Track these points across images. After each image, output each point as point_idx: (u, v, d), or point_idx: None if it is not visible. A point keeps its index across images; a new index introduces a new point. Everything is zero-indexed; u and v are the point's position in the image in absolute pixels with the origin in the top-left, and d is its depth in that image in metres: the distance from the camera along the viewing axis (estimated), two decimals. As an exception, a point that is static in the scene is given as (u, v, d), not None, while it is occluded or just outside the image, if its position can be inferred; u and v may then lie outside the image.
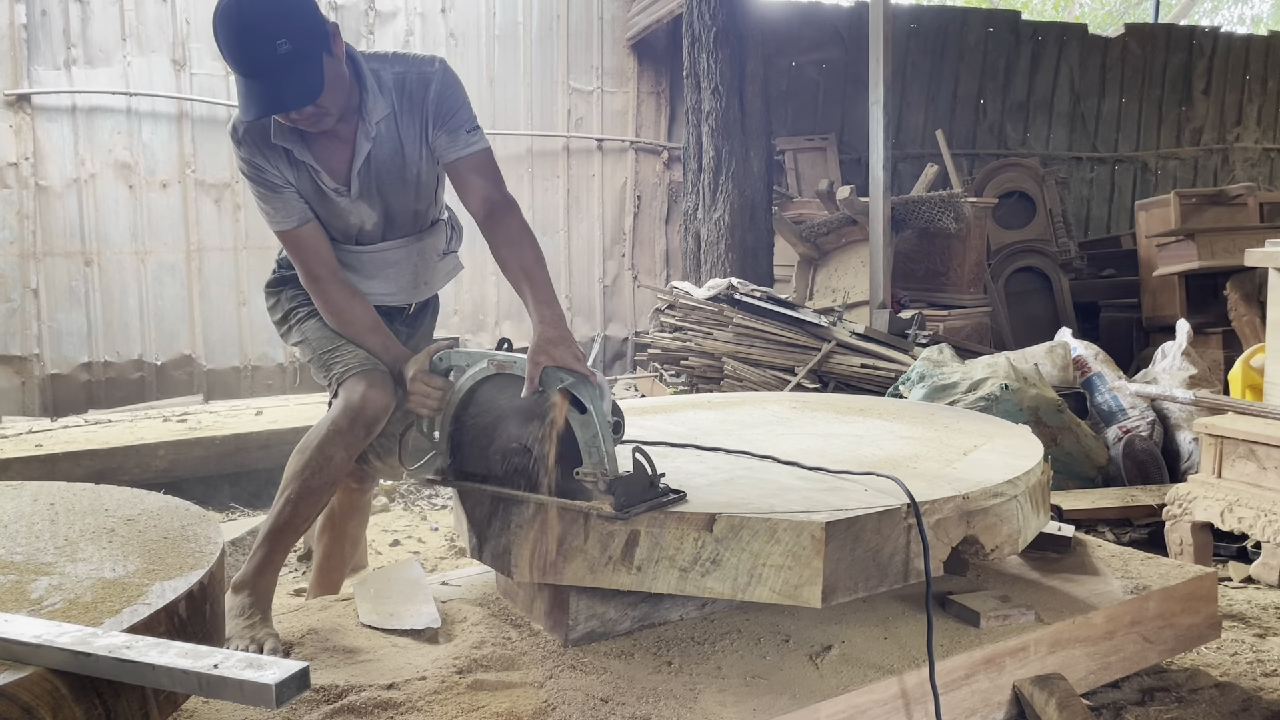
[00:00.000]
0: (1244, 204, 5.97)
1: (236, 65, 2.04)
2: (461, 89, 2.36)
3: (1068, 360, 4.37)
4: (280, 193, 2.27)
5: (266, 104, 2.05)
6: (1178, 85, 9.61)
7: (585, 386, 1.85)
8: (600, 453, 1.80)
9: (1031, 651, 2.03)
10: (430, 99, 2.30)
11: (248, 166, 2.26)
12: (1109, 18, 19.37)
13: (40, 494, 2.03)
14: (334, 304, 2.31)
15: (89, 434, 4.48)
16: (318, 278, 2.31)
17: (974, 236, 5.95)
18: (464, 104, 2.34)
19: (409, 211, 2.44)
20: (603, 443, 1.81)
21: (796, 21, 7.98)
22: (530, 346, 1.93)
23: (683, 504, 1.84)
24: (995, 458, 2.23)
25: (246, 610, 2.15)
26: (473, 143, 2.32)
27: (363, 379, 2.25)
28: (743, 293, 5.11)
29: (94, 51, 6.06)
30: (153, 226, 6.27)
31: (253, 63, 2.02)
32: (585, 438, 1.82)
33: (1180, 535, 3.19)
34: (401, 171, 2.35)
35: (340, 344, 2.36)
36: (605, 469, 1.80)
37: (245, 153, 2.23)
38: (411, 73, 2.31)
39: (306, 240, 2.30)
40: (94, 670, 1.23)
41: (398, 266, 2.49)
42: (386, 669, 2.01)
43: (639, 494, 1.82)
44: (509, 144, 7.21)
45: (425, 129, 2.32)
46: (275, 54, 2.00)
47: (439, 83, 2.30)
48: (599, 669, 1.86)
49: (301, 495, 2.22)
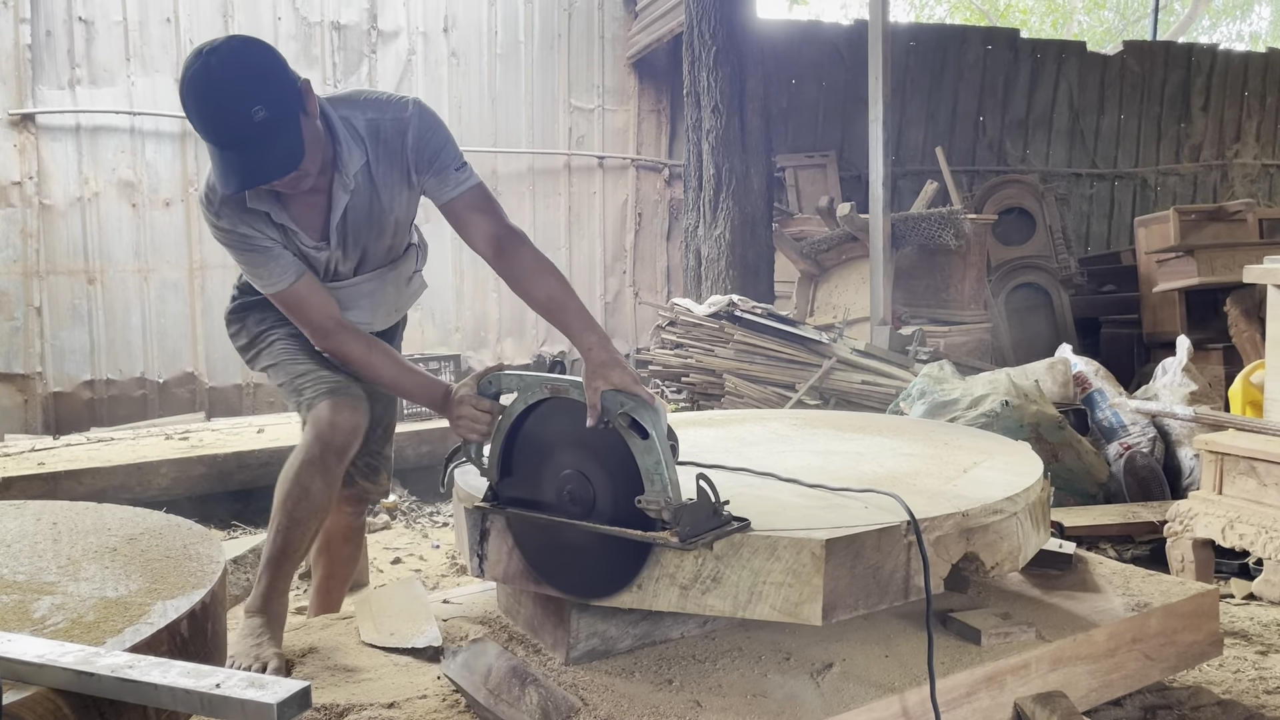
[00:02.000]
0: (1243, 220, 5.99)
1: (211, 136, 1.92)
2: (441, 128, 2.24)
3: (1068, 376, 4.38)
4: (270, 252, 2.17)
5: (247, 176, 1.95)
6: (1177, 102, 9.64)
7: (646, 410, 1.78)
8: (664, 480, 1.72)
9: (1033, 669, 2.03)
10: (409, 145, 2.19)
11: (230, 236, 2.15)
12: (1107, 35, 19.47)
13: (43, 513, 2.03)
14: (356, 353, 2.22)
15: (91, 452, 4.49)
16: (328, 332, 2.21)
17: (974, 253, 5.97)
18: (446, 143, 2.22)
19: (382, 249, 2.38)
20: (665, 469, 1.72)
21: (796, 39, 8.03)
22: (585, 372, 1.87)
23: (749, 531, 1.77)
24: (995, 474, 2.24)
25: (256, 631, 2.15)
26: (464, 180, 2.22)
27: (329, 403, 2.20)
28: (744, 309, 5.12)
29: (98, 71, 6.10)
30: (156, 245, 6.30)
31: (229, 133, 1.91)
32: (648, 464, 1.74)
33: (1182, 552, 3.18)
34: (380, 219, 2.28)
35: (311, 368, 2.30)
36: (669, 497, 1.71)
37: (227, 223, 2.13)
38: (386, 119, 2.18)
39: (307, 295, 2.19)
40: (96, 690, 1.23)
41: (372, 297, 2.42)
42: (388, 688, 2.01)
43: (704, 522, 1.74)
44: (510, 162, 7.25)
45: (408, 175, 2.23)
46: (252, 122, 1.89)
47: (416, 127, 2.18)
48: (600, 687, 1.86)
49: (289, 525, 2.21)
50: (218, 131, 1.92)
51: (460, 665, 2.02)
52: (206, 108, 1.91)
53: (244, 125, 1.89)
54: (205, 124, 1.92)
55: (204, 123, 1.92)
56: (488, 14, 7.13)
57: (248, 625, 2.16)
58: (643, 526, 1.76)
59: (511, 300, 7.33)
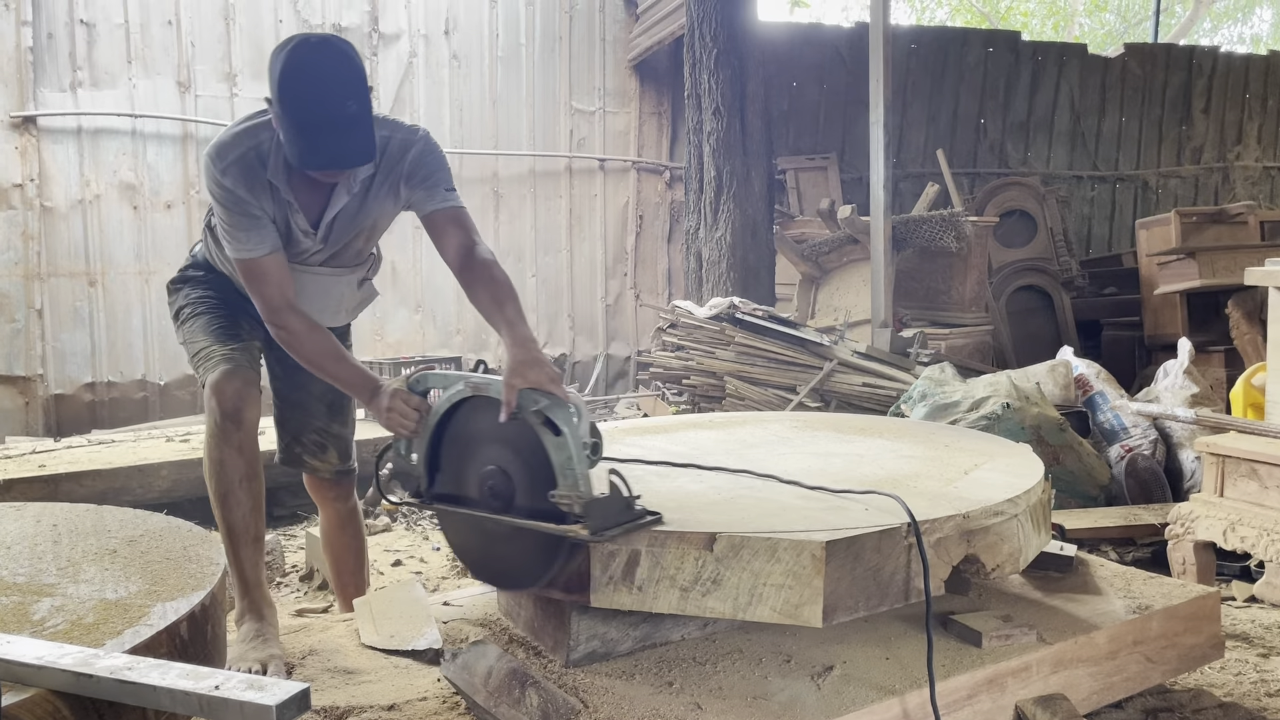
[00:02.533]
0: (1244, 222, 5.99)
1: (309, 117, 2.07)
2: (442, 158, 2.40)
3: (1069, 379, 4.37)
4: (258, 220, 2.27)
5: (334, 159, 2.12)
6: (1178, 104, 9.64)
7: (560, 409, 1.83)
8: (575, 475, 1.78)
9: (1034, 672, 2.03)
10: (407, 162, 2.34)
11: (229, 196, 2.24)
12: (1108, 38, 19.47)
13: (43, 515, 2.03)
14: (297, 336, 2.29)
15: (92, 454, 4.49)
16: (278, 310, 2.29)
17: (975, 255, 5.97)
18: (442, 168, 2.38)
19: (353, 250, 2.53)
20: (577, 465, 1.78)
21: (797, 42, 8.03)
22: (505, 369, 1.93)
23: (660, 525, 1.81)
24: (996, 476, 2.23)
25: (250, 635, 2.22)
26: (450, 199, 2.36)
27: (217, 374, 2.32)
28: (745, 312, 5.12)
29: (100, 74, 6.11)
30: (157, 247, 6.30)
31: (326, 117, 2.07)
32: (560, 460, 1.80)
33: (1183, 554, 3.18)
34: (359, 222, 2.43)
35: (208, 344, 2.41)
36: (580, 491, 1.77)
37: (229, 183, 2.23)
38: (396, 138, 2.35)
39: (271, 270, 2.29)
40: (95, 692, 1.23)
41: (330, 292, 2.54)
42: (388, 690, 2.01)
43: (615, 516, 1.79)
44: (511, 164, 7.25)
45: (397, 189, 2.37)
46: (345, 113, 2.07)
47: (419, 150, 2.35)
48: (600, 689, 1.85)
49: (220, 504, 2.35)
50: (317, 114, 2.07)
51: (460, 667, 2.02)
52: (313, 89, 2.06)
53: (339, 113, 2.07)
54: (305, 105, 2.07)
55: (304, 104, 2.07)
56: (489, 16, 7.14)
57: (241, 632, 2.22)
58: (558, 520, 1.80)
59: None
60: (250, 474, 2.36)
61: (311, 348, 2.28)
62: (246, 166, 2.23)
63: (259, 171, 2.24)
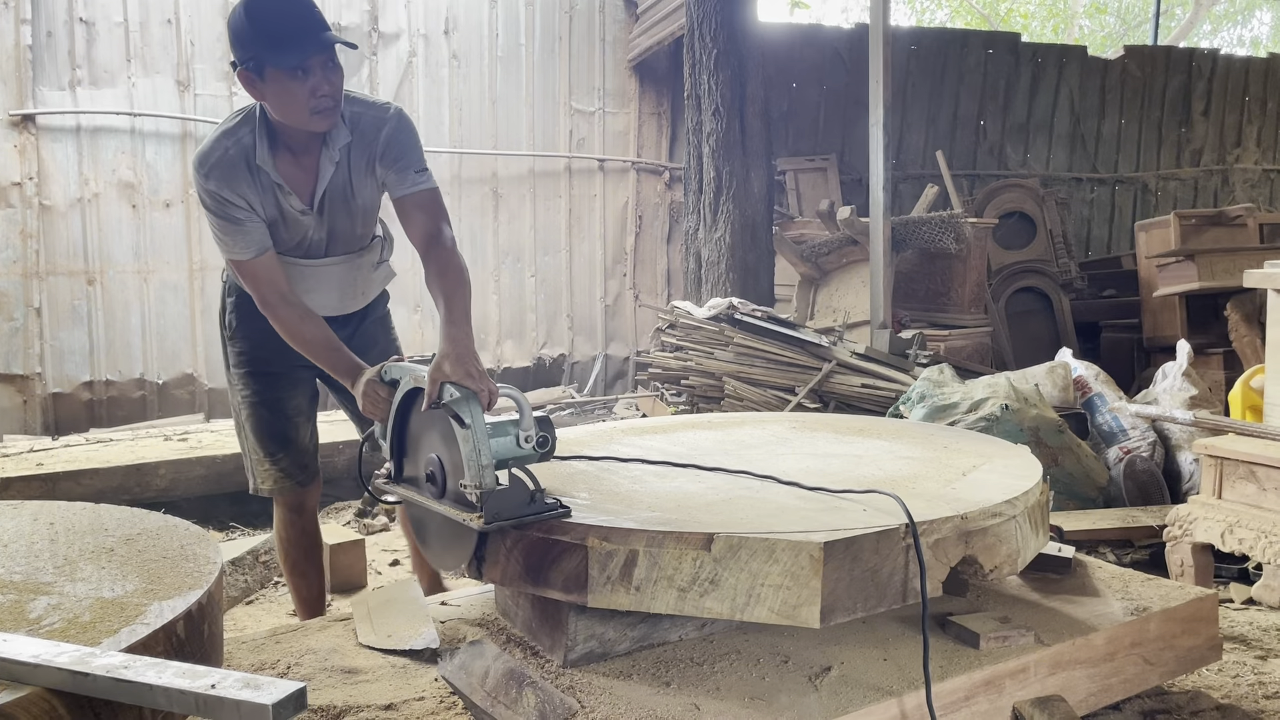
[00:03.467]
0: (1244, 225, 5.99)
1: (288, 18, 2.23)
2: (413, 134, 2.51)
3: (1068, 380, 4.37)
4: (241, 225, 2.39)
5: (325, 41, 2.26)
6: (1177, 107, 9.65)
7: (465, 403, 1.92)
8: (477, 465, 1.86)
9: (1031, 673, 2.03)
10: (381, 139, 2.45)
11: (211, 199, 2.37)
12: (1108, 40, 19.48)
13: (40, 513, 2.03)
14: (289, 326, 2.44)
15: (90, 453, 4.48)
16: (271, 304, 2.43)
17: (974, 257, 5.97)
18: (413, 147, 2.49)
19: (351, 233, 2.62)
20: (479, 456, 1.86)
21: (797, 43, 8.03)
22: (431, 363, 2.05)
23: (566, 519, 1.88)
24: (994, 478, 2.23)
25: None
26: (420, 182, 2.47)
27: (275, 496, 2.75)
28: (743, 312, 5.12)
29: (99, 72, 6.11)
30: (156, 246, 6.30)
31: (304, 14, 2.25)
32: (466, 451, 1.88)
33: (1181, 556, 3.18)
34: (350, 199, 2.53)
35: (260, 458, 2.74)
36: (482, 481, 1.85)
37: (213, 185, 2.35)
38: (367, 114, 2.47)
39: (262, 270, 2.43)
40: (92, 690, 1.23)
41: (340, 280, 2.67)
42: (385, 690, 2.00)
43: (513, 508, 1.87)
44: (511, 164, 7.25)
45: (373, 165, 2.48)
46: (315, 13, 2.27)
47: (391, 127, 2.46)
48: (598, 690, 1.85)
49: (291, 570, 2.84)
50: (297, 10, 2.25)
51: (457, 667, 2.02)
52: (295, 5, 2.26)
53: (312, 11, 2.27)
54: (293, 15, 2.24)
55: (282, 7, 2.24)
56: (489, 16, 7.14)
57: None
58: (471, 508, 1.90)
59: (511, 303, 7.33)
60: (312, 544, 2.83)
61: (303, 335, 2.43)
62: (228, 165, 2.35)
63: (240, 167, 2.36)
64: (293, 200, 2.45)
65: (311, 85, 2.27)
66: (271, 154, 2.39)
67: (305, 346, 2.44)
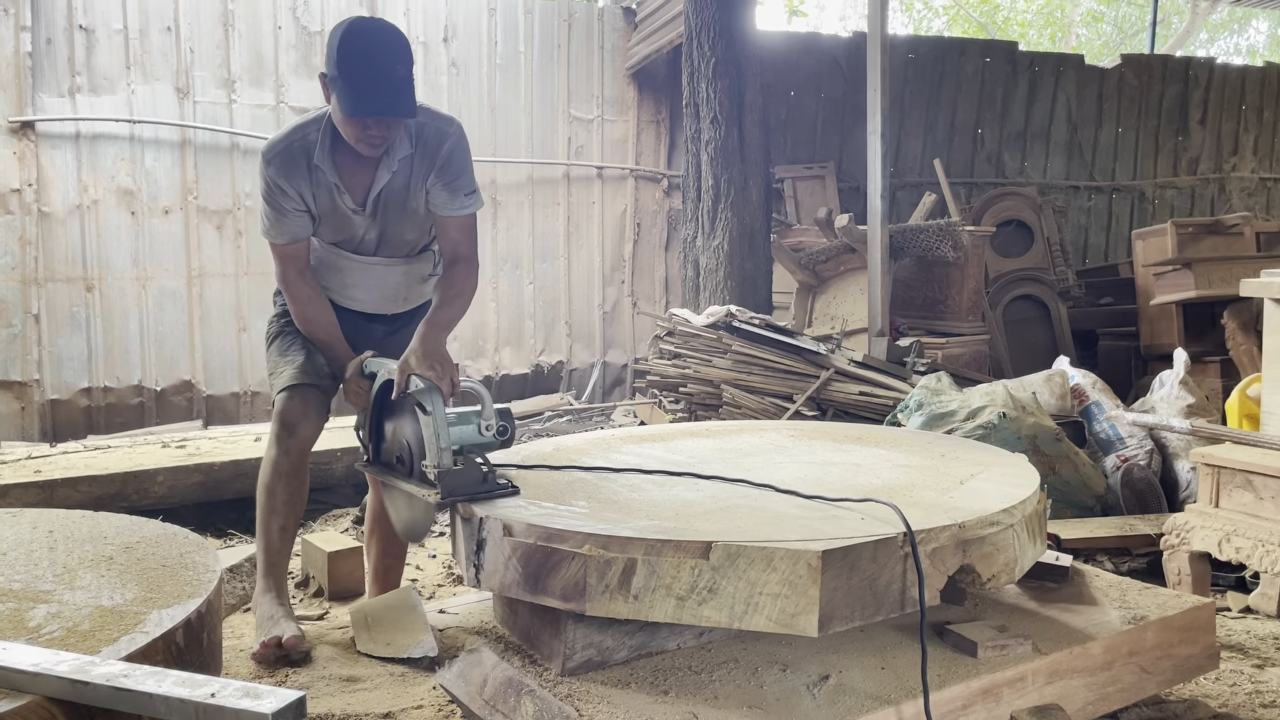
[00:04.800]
0: (1240, 233, 6.01)
1: (366, 72, 2.38)
2: (469, 155, 2.69)
3: (1065, 389, 4.38)
4: (284, 215, 2.61)
5: (382, 108, 2.40)
6: (1174, 115, 9.67)
7: (426, 393, 2.18)
8: (436, 448, 2.11)
9: (1029, 682, 2.03)
10: (443, 154, 2.61)
11: (266, 185, 2.59)
12: (1105, 49, 19.54)
13: (39, 521, 2.03)
14: (299, 303, 2.69)
15: (88, 460, 4.48)
16: (289, 280, 2.70)
17: (972, 265, 5.98)
18: (469, 168, 2.67)
19: (402, 237, 2.76)
20: (438, 440, 2.11)
21: (795, 51, 8.05)
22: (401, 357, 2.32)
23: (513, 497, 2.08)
24: (992, 486, 2.24)
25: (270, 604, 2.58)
26: (466, 205, 2.67)
27: (283, 394, 2.66)
28: (741, 320, 5.13)
29: (98, 79, 6.11)
30: (154, 252, 6.30)
31: (381, 74, 2.39)
32: (427, 435, 2.14)
33: (1178, 565, 3.18)
34: (405, 204, 2.67)
35: (281, 361, 2.74)
36: (440, 462, 2.09)
37: (272, 172, 2.56)
38: (431, 126, 2.62)
39: (290, 254, 2.68)
40: (91, 699, 1.23)
41: (383, 281, 2.81)
42: (384, 698, 2.01)
43: (466, 487, 2.09)
44: (510, 171, 7.26)
45: (428, 176, 2.63)
46: (396, 74, 2.41)
47: (453, 143, 2.63)
48: (596, 698, 1.85)
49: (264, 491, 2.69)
50: (374, 69, 2.39)
51: (456, 675, 2.02)
52: (370, 47, 2.40)
53: (393, 72, 2.41)
54: (364, 61, 2.39)
55: (366, 61, 2.39)
56: (488, 24, 7.15)
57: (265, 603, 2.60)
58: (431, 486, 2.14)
59: (509, 310, 7.33)
60: (292, 473, 2.68)
61: (307, 314, 2.69)
62: (290, 157, 2.55)
63: (301, 161, 2.55)
64: (346, 199, 2.62)
65: (363, 123, 2.44)
66: (332, 154, 2.57)
67: (306, 325, 2.70)
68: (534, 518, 1.95)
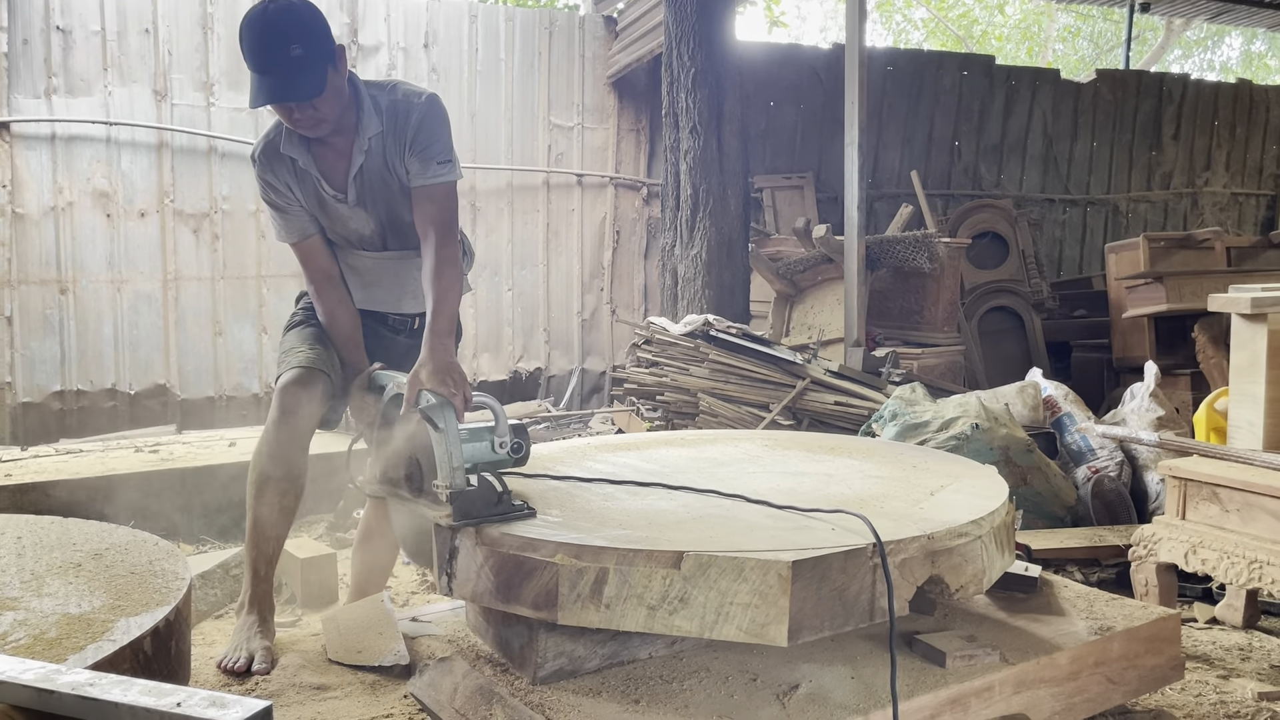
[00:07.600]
0: (1211, 248, 6.10)
1: (254, 62, 2.33)
2: (443, 122, 2.57)
3: (1038, 400, 4.42)
4: (285, 211, 2.62)
5: (272, 95, 2.34)
6: (1148, 130, 9.79)
7: (439, 409, 2.05)
8: (448, 467, 1.98)
9: (997, 692, 2.05)
10: (412, 125, 2.53)
11: (260, 184, 2.59)
12: (1081, 64, 19.74)
13: (7, 527, 2.02)
14: (326, 306, 2.68)
15: (59, 464, 4.44)
16: (316, 284, 2.69)
17: (948, 276, 6.03)
18: (440, 136, 2.55)
19: (402, 222, 2.67)
20: (450, 459, 1.98)
21: (775, 62, 8.10)
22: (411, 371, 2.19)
23: (531, 520, 1.97)
24: (961, 498, 2.26)
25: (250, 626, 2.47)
26: (440, 174, 2.53)
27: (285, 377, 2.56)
28: (719, 329, 5.15)
29: (75, 81, 6.07)
30: (130, 255, 6.26)
31: (268, 60, 2.32)
32: (439, 454, 2.01)
33: (1145, 576, 3.22)
34: (389, 184, 2.60)
35: (292, 347, 2.66)
36: (453, 482, 1.97)
37: (259, 169, 2.57)
38: (402, 101, 2.56)
39: (309, 252, 2.67)
40: (57, 708, 1.23)
41: (396, 276, 2.74)
42: (354, 706, 2.00)
43: (480, 509, 1.96)
44: (489, 178, 7.26)
45: (403, 150, 2.55)
46: (288, 56, 2.31)
47: (421, 113, 2.53)
48: (567, 707, 1.86)
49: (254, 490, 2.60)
50: (260, 58, 2.33)
51: (427, 684, 2.02)
52: (257, 38, 2.33)
53: (282, 57, 2.31)
54: (252, 51, 2.33)
55: (251, 50, 2.34)
56: (468, 31, 7.16)
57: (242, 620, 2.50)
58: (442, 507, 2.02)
59: (488, 316, 7.33)
60: (287, 476, 2.57)
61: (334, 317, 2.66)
62: (270, 151, 2.56)
63: (275, 153, 2.55)
64: (325, 186, 2.58)
65: (284, 110, 2.43)
66: (303, 142, 2.53)
67: (331, 328, 2.67)
68: (506, 527, 1.95)
